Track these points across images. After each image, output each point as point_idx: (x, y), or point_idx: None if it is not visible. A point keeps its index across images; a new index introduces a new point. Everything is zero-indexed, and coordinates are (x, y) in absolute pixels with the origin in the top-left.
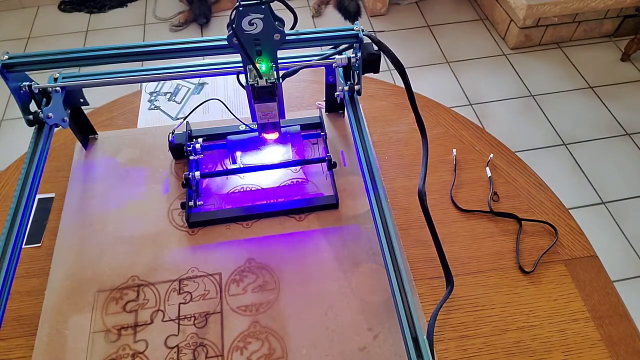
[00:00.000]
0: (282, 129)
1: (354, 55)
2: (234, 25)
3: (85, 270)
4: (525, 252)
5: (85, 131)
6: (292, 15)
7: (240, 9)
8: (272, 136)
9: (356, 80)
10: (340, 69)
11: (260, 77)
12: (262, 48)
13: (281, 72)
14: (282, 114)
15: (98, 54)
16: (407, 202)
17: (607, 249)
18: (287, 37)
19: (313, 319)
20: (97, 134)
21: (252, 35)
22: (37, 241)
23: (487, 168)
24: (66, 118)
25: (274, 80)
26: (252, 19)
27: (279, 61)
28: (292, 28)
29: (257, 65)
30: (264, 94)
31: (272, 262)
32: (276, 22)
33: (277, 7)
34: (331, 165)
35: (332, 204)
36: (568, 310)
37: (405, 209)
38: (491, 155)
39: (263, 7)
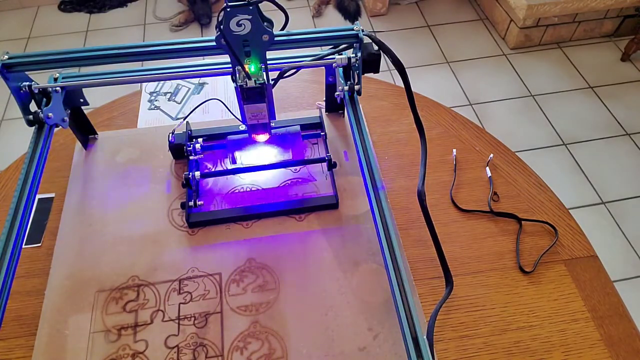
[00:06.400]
0: (282, 128)
1: (354, 55)
2: (222, 27)
3: (85, 270)
4: (525, 252)
5: (85, 131)
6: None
7: (228, 9)
8: (262, 137)
9: (356, 80)
10: (340, 69)
11: (249, 78)
12: (251, 49)
13: (277, 73)
14: (272, 115)
15: (98, 54)
16: (407, 202)
17: (607, 249)
18: (278, 38)
19: (313, 319)
20: (97, 134)
21: (241, 36)
22: (37, 241)
23: (487, 168)
24: (66, 118)
25: (263, 82)
26: (240, 20)
27: (278, 62)
28: (283, 28)
29: (246, 66)
30: (253, 95)
31: (272, 262)
32: (265, 23)
33: (271, 7)
34: (331, 165)
35: (332, 204)
36: (568, 310)
37: (405, 209)
38: (491, 155)
39: (251, 7)
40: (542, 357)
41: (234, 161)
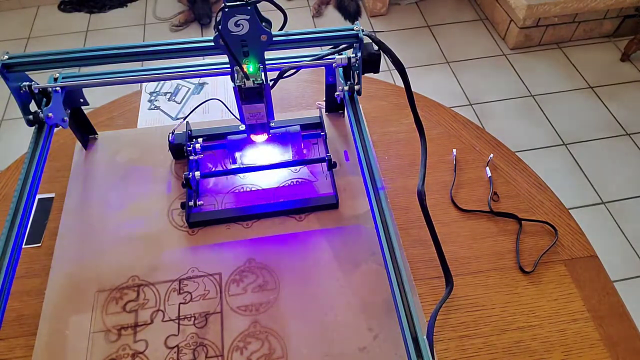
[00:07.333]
0: (282, 128)
1: (354, 55)
2: (220, 27)
3: (85, 270)
4: (525, 252)
5: (85, 131)
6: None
7: (226, 10)
8: (261, 138)
9: (356, 80)
10: (340, 69)
11: (247, 79)
12: (249, 49)
13: (276, 73)
14: (270, 115)
15: (98, 54)
16: (407, 202)
17: (607, 249)
18: (276, 38)
19: (313, 319)
20: (97, 134)
21: (239, 36)
22: (37, 241)
23: (487, 168)
24: (66, 118)
25: (261, 82)
26: (238, 20)
27: (277, 62)
28: (282, 29)
29: (245, 67)
30: (251, 95)
31: (272, 262)
32: (263, 24)
33: (271, 7)
34: (331, 165)
35: (332, 204)
36: (568, 310)
37: (405, 209)
38: (491, 155)
39: (249, 8)
40: (542, 357)
41: (234, 161)
